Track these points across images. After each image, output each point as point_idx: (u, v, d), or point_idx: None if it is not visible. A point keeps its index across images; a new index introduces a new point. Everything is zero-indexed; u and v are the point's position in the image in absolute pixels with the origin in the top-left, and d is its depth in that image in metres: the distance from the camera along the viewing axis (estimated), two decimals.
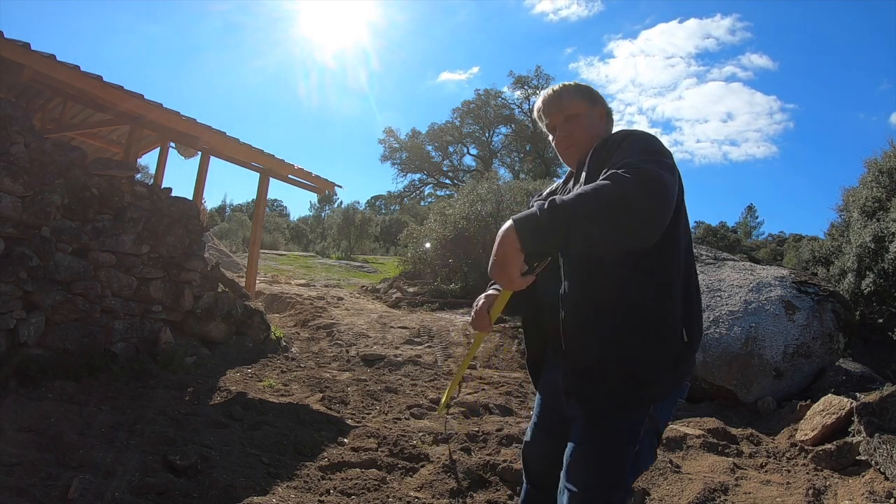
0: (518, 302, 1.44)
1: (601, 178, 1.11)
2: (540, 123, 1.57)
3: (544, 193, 1.60)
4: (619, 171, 1.08)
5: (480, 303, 1.51)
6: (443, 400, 1.90)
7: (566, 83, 1.52)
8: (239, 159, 6.92)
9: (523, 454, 1.61)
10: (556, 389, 1.44)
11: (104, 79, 4.76)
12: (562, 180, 1.61)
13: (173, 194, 4.83)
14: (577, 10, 51.43)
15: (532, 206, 1.13)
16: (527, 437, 1.59)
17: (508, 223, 1.07)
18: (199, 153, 6.52)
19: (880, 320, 5.83)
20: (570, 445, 1.33)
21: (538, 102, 1.54)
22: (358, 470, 2.72)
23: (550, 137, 1.54)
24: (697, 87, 50.20)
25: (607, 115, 1.52)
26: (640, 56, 48.40)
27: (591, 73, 48.03)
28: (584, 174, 1.29)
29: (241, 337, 5.08)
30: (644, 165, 1.10)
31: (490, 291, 1.54)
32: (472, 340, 1.51)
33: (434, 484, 2.67)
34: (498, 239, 1.08)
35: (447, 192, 29.23)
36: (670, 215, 1.10)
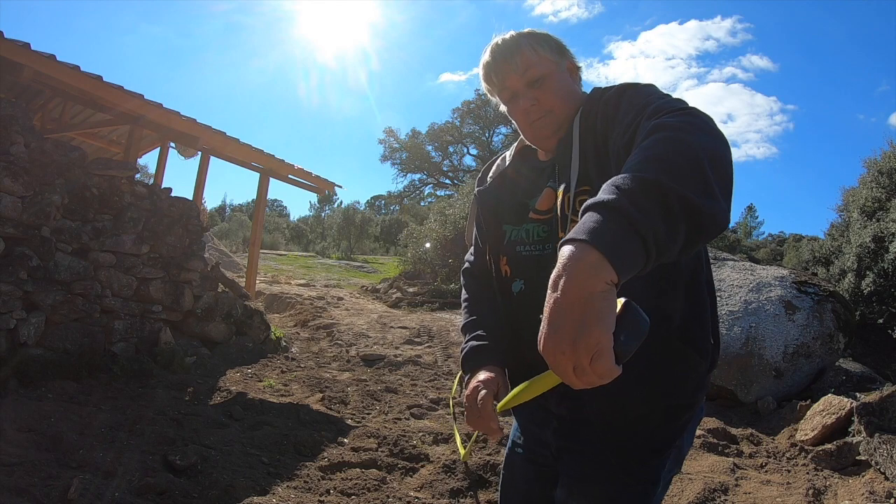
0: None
1: (645, 132, 0.75)
2: (488, 89, 1.10)
3: (488, 180, 1.20)
4: (668, 120, 0.74)
5: (482, 394, 1.00)
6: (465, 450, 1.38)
7: (521, 31, 1.06)
8: (239, 159, 6.93)
9: (506, 493, 1.19)
10: (539, 413, 1.10)
11: (104, 79, 4.76)
12: (498, 166, 1.20)
13: (173, 194, 4.83)
14: (577, 11, 51.48)
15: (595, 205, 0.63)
16: (508, 473, 1.18)
17: (572, 249, 0.59)
18: (199, 153, 6.52)
19: (880, 320, 5.83)
20: (577, 492, 1.01)
21: (485, 58, 1.07)
22: (358, 470, 2.72)
23: (504, 108, 1.10)
24: (697, 88, 50.23)
25: (577, 69, 1.10)
26: (640, 57, 48.48)
27: (590, 74, 48.12)
28: (576, 149, 0.96)
29: (241, 337, 5.08)
30: (689, 106, 0.80)
31: (485, 374, 1.05)
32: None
33: (434, 484, 2.67)
34: (562, 284, 0.58)
35: (447, 192, 29.21)
36: None
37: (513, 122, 1.10)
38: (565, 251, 0.60)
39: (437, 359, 5.37)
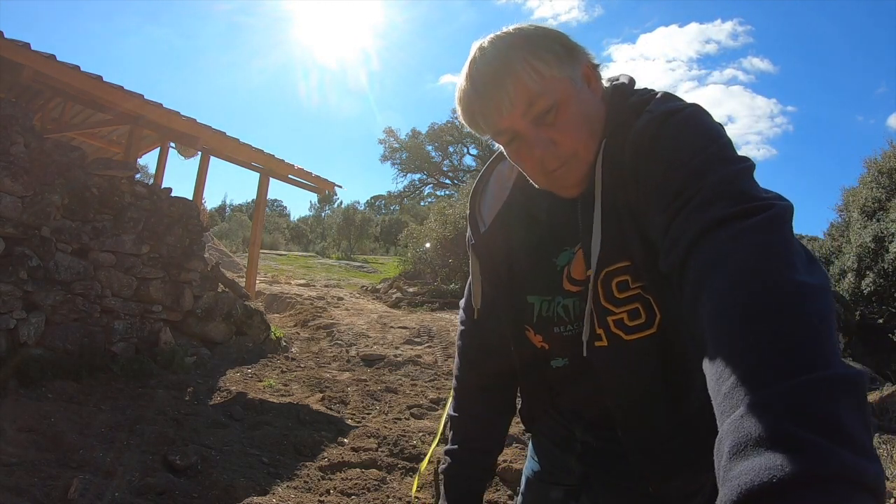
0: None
1: (722, 259, 0.51)
2: (474, 131, 0.75)
3: (485, 220, 0.86)
4: (756, 241, 0.51)
5: None
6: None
7: (507, 33, 0.71)
8: (239, 159, 6.93)
9: None
10: (563, 436, 0.96)
11: (104, 79, 4.77)
12: (495, 199, 0.87)
13: (173, 194, 4.83)
14: (577, 14, 51.26)
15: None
16: (529, 498, 1.05)
17: None
18: (199, 153, 6.52)
19: (880, 320, 5.84)
20: None
21: (462, 86, 0.71)
22: (358, 470, 2.72)
23: (502, 148, 0.77)
24: (698, 90, 50.13)
25: (595, 70, 0.76)
26: (639, 60, 48.41)
27: None
28: (597, 215, 0.70)
29: (241, 337, 5.08)
30: (762, 199, 0.55)
31: None
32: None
33: (434, 484, 2.67)
34: None
35: (447, 192, 29.21)
36: None
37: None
38: None
39: (437, 359, 5.37)
